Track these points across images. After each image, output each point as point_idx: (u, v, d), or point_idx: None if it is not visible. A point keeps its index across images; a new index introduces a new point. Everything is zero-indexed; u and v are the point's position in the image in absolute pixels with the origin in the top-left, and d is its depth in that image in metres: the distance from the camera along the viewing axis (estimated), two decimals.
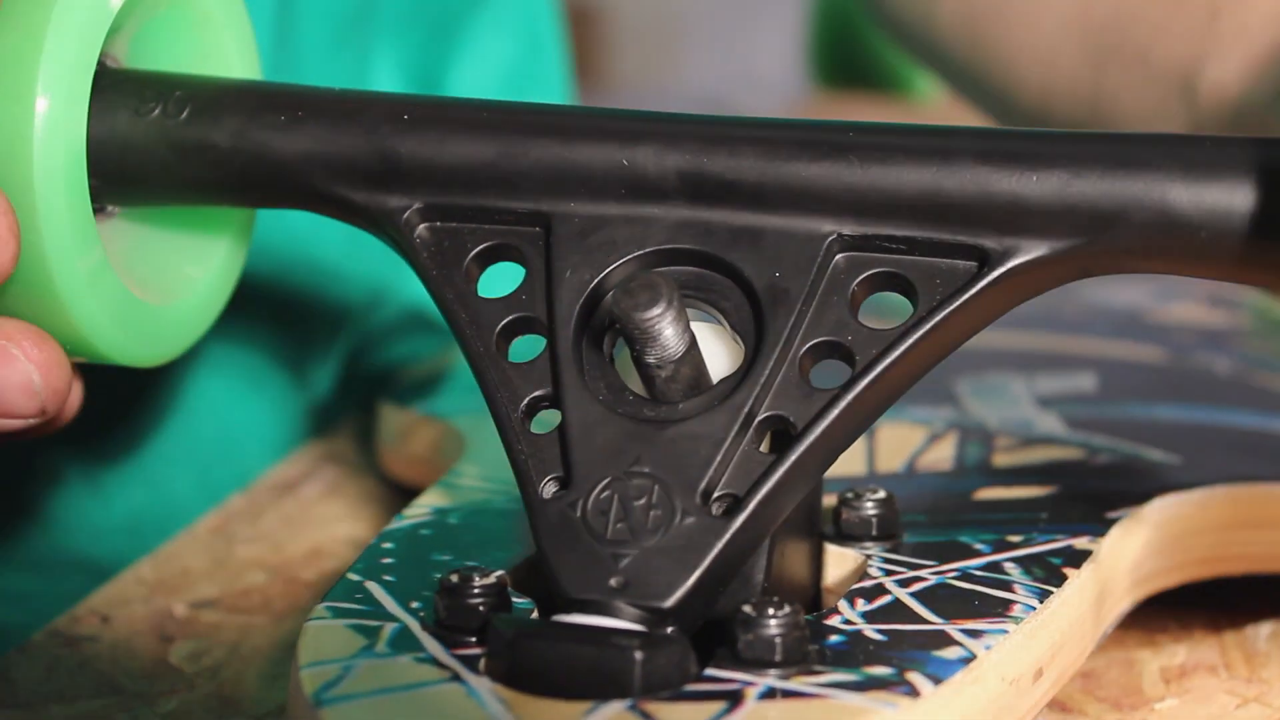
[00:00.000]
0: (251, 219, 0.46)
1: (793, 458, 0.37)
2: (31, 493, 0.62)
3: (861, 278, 0.38)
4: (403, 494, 0.57)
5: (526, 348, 0.39)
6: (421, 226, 0.40)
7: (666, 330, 0.37)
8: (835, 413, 0.37)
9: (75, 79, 0.40)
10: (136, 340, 0.43)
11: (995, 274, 0.38)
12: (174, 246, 0.45)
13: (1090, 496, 0.45)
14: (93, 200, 0.42)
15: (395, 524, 0.44)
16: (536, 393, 0.39)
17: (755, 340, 0.38)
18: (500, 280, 0.40)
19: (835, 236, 0.38)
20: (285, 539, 0.54)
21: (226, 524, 0.56)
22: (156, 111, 0.42)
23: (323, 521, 0.56)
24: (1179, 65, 0.51)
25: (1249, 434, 0.52)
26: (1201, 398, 0.56)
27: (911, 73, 1.57)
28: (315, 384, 0.67)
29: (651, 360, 0.38)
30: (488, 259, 0.40)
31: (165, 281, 0.45)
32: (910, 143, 0.38)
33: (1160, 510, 0.45)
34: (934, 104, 1.61)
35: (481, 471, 0.48)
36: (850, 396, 0.37)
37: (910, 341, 0.38)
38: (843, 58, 1.67)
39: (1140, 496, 0.45)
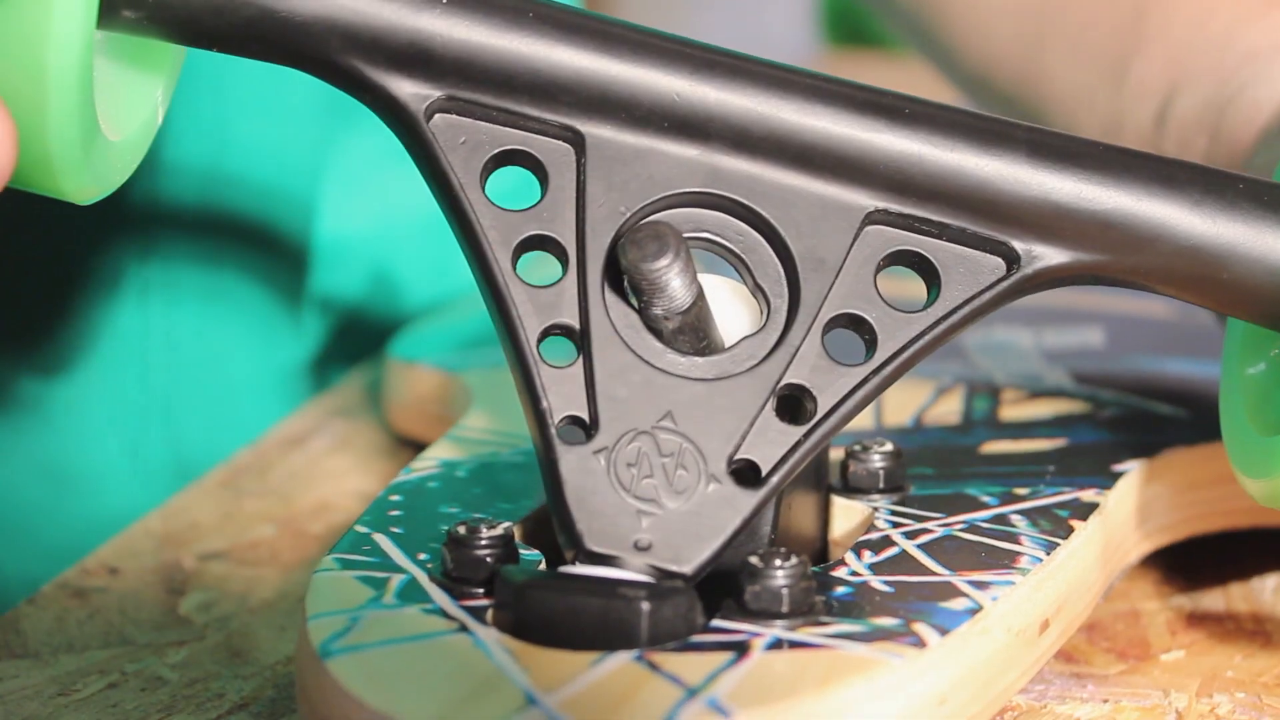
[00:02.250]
0: (182, 59, 0.43)
1: (818, 434, 0.37)
2: (49, 445, 0.62)
3: (887, 253, 0.38)
4: (410, 448, 0.57)
5: (536, 266, 0.38)
6: (438, 117, 0.38)
7: (674, 281, 0.37)
8: (860, 394, 0.37)
9: None
10: (88, 170, 0.40)
11: (1022, 274, 0.38)
12: (120, 80, 0.42)
13: (1097, 449, 0.45)
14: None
15: (403, 477, 0.44)
16: (554, 320, 0.37)
17: (788, 307, 0.38)
18: (499, 189, 0.39)
19: (874, 210, 0.38)
20: (293, 492, 0.55)
21: (235, 477, 0.56)
22: None
23: (331, 475, 0.56)
24: (1108, 57, 0.53)
25: None
26: (1209, 352, 0.56)
27: None
28: (308, 333, 0.67)
29: (659, 311, 0.37)
30: (503, 162, 0.38)
31: (111, 115, 0.41)
32: (965, 126, 0.38)
33: (1167, 463, 0.45)
34: None
35: (489, 425, 0.48)
36: (876, 379, 0.37)
37: (937, 331, 0.38)
38: (854, 16, 1.67)
39: (1147, 449, 0.45)
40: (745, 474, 0.37)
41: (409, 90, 0.38)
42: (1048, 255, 0.38)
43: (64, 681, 0.42)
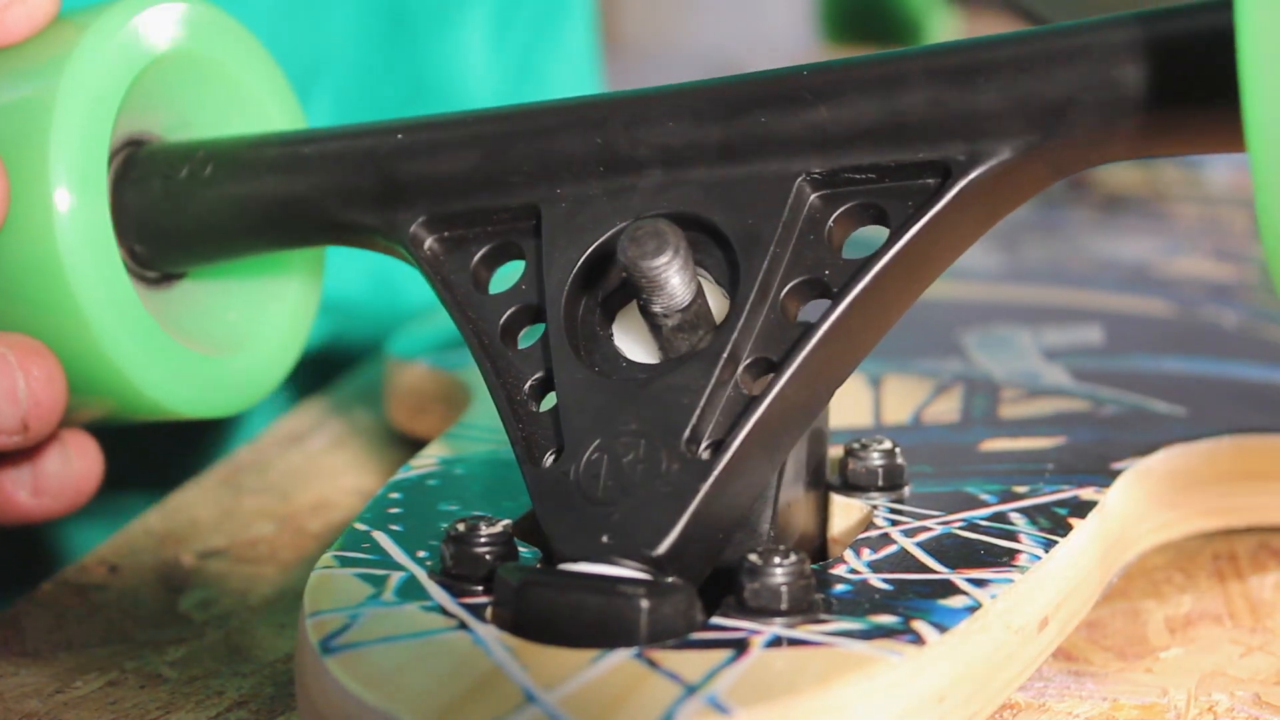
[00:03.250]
0: (316, 272, 0.49)
1: (773, 392, 0.37)
2: None
3: (837, 213, 0.38)
4: (410, 446, 0.57)
5: (535, 337, 0.40)
6: (430, 239, 0.41)
7: (674, 279, 0.37)
8: (812, 343, 0.37)
9: (87, 167, 0.43)
10: (203, 392, 0.45)
11: (961, 184, 0.37)
12: (241, 302, 0.48)
13: (1096, 448, 0.46)
14: (148, 266, 0.45)
15: (402, 474, 0.44)
16: (538, 375, 0.39)
17: (732, 287, 0.38)
18: (512, 280, 0.41)
19: (804, 176, 0.38)
20: (292, 490, 0.55)
21: (234, 475, 0.56)
22: (185, 174, 0.44)
23: (330, 473, 0.56)
24: None
25: (1255, 386, 0.52)
26: (1208, 351, 0.56)
27: (923, 29, 1.56)
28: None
29: (658, 309, 0.38)
30: (494, 260, 0.41)
31: (238, 335, 0.47)
32: (860, 73, 0.38)
33: (1166, 461, 0.45)
34: None
35: (488, 422, 0.48)
36: (826, 326, 0.37)
37: (883, 263, 0.37)
38: (854, 14, 1.67)
39: (1146, 448, 0.45)
40: (707, 449, 0.37)
41: (398, 221, 0.41)
42: (984, 156, 0.37)
43: (63, 679, 0.42)
